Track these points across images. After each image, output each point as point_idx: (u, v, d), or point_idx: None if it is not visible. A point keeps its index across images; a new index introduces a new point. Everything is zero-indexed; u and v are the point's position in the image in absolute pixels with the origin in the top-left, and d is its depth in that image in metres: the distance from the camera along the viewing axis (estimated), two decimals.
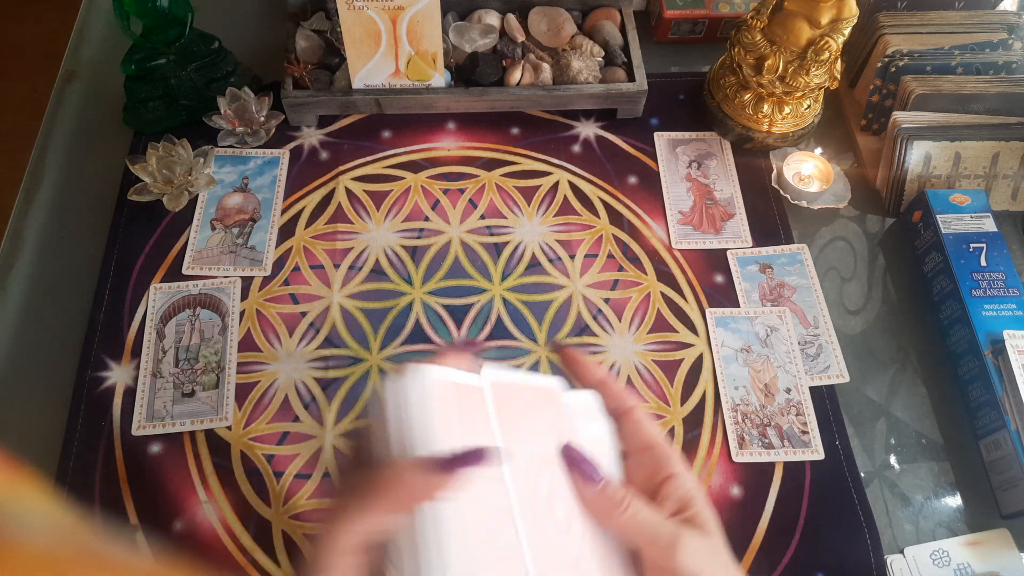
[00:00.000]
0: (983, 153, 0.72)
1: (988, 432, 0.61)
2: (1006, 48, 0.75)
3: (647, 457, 0.36)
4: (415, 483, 0.27)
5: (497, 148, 0.76)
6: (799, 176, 0.74)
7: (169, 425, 0.60)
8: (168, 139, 0.71)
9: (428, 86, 0.74)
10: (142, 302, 0.66)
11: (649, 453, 0.36)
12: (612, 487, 0.33)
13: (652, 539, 0.32)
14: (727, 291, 0.69)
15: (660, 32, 0.84)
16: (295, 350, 0.64)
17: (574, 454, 0.33)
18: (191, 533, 0.57)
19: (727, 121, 0.76)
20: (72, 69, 0.81)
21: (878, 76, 0.74)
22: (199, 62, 0.73)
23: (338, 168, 0.74)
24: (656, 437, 0.36)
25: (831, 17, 0.67)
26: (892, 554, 0.58)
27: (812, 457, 0.61)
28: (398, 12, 0.68)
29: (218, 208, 0.71)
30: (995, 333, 0.61)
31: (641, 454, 0.36)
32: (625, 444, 0.37)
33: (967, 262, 0.65)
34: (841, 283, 0.70)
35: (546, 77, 0.76)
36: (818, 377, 0.64)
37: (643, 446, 0.36)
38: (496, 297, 0.68)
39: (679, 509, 0.34)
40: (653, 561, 0.32)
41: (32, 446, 0.60)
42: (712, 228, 0.72)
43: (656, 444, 0.36)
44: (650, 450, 0.36)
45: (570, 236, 0.71)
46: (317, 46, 0.77)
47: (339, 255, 0.69)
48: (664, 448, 0.36)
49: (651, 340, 0.66)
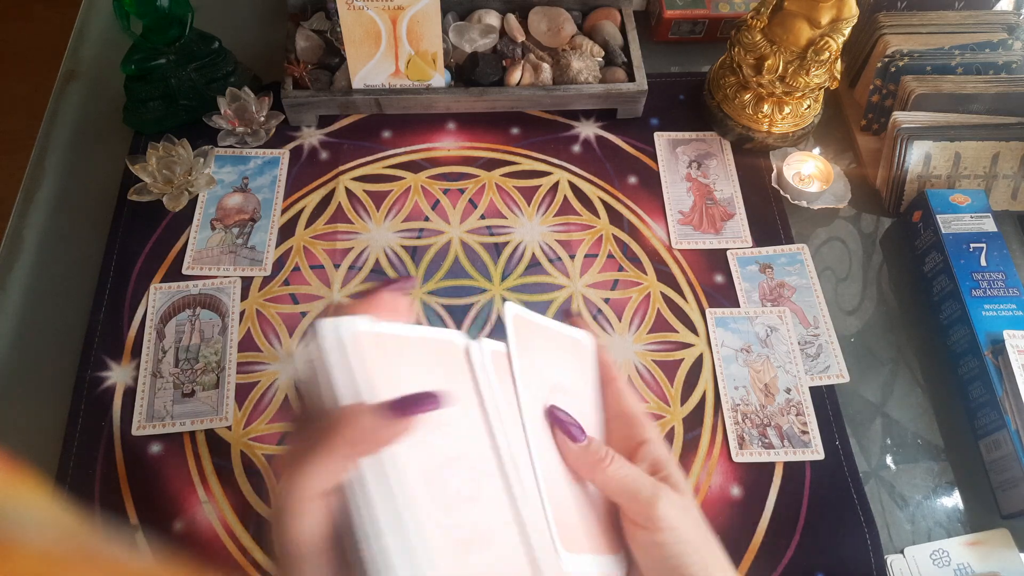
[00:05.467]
0: (983, 153, 0.72)
1: (988, 432, 0.61)
2: (1006, 48, 0.75)
3: (623, 423, 0.39)
4: (367, 428, 0.27)
5: (497, 148, 0.76)
6: (799, 176, 0.74)
7: (169, 425, 0.60)
8: (168, 139, 0.71)
9: (428, 86, 0.74)
10: (142, 302, 0.66)
11: (626, 419, 0.39)
12: (596, 444, 0.36)
13: (634, 493, 0.34)
14: (727, 291, 0.69)
15: (660, 32, 0.84)
16: (295, 350, 0.64)
17: (559, 414, 0.36)
18: (191, 533, 0.57)
19: (727, 121, 0.76)
20: (72, 69, 0.81)
21: (878, 76, 0.74)
22: (199, 62, 0.73)
23: (338, 168, 0.74)
24: (634, 406, 0.39)
25: (831, 17, 0.67)
26: (892, 554, 0.58)
27: (812, 457, 0.61)
28: (398, 12, 0.68)
29: (218, 208, 0.71)
30: (995, 333, 0.61)
31: (618, 420, 0.39)
32: (606, 409, 0.40)
33: (967, 262, 0.65)
34: (840, 283, 0.70)
35: (546, 77, 0.76)
36: (818, 377, 0.64)
37: (621, 413, 0.39)
38: (496, 297, 0.68)
39: (653, 471, 0.36)
40: (633, 515, 0.35)
41: (32, 446, 0.60)
42: (712, 228, 0.72)
43: (633, 413, 0.39)
44: (627, 417, 0.39)
45: (570, 236, 0.71)
46: (317, 46, 0.77)
47: (339, 255, 0.69)
48: (641, 416, 0.39)
49: (651, 340, 0.66)
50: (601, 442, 0.36)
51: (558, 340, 0.40)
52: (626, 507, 0.35)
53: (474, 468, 0.31)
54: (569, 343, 0.41)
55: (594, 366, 0.42)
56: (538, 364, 0.36)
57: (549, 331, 0.39)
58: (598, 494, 0.37)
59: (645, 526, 0.34)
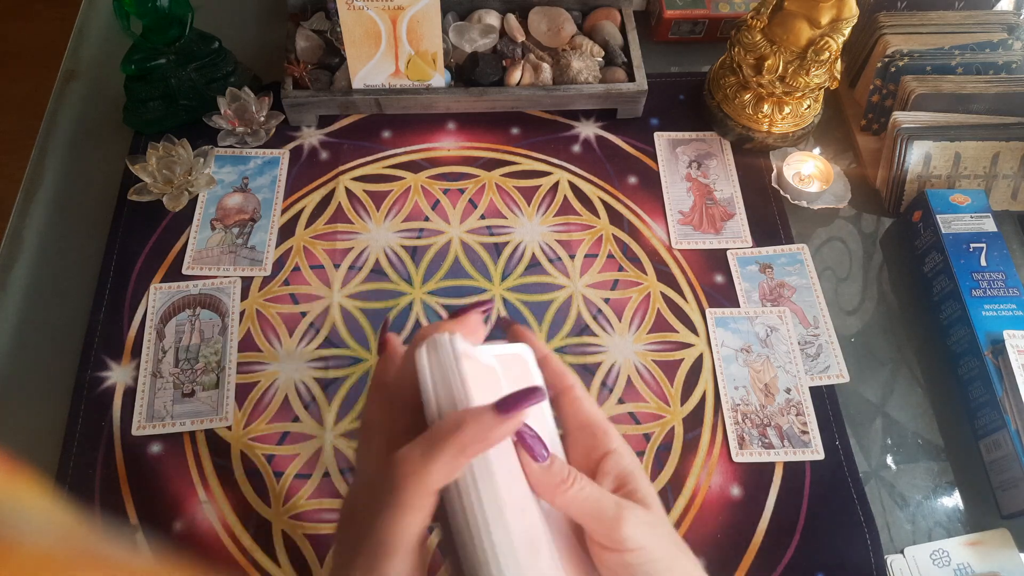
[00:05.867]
0: (983, 153, 0.72)
1: (988, 432, 0.61)
2: (1006, 48, 0.75)
3: (585, 435, 0.36)
4: (486, 426, 0.29)
5: (497, 148, 0.76)
6: (799, 176, 0.74)
7: (169, 425, 0.60)
8: (168, 139, 0.71)
9: (428, 86, 0.74)
10: (142, 302, 0.66)
11: (588, 431, 0.36)
12: (558, 464, 0.33)
13: (597, 515, 0.32)
14: (727, 291, 0.69)
15: (660, 32, 0.84)
16: (295, 350, 0.64)
17: (523, 431, 0.33)
18: (191, 533, 0.57)
19: (727, 121, 0.76)
20: (72, 69, 0.81)
21: (878, 76, 0.74)
22: (199, 62, 0.73)
23: (338, 168, 0.74)
24: (594, 415, 0.37)
25: (831, 17, 0.67)
26: (892, 554, 0.58)
27: (812, 457, 0.61)
28: (398, 12, 0.68)
29: (218, 208, 0.71)
30: (995, 333, 0.61)
31: (580, 431, 0.36)
32: (564, 422, 0.37)
33: (967, 262, 0.65)
34: (840, 283, 0.70)
35: (546, 77, 0.76)
36: (818, 377, 0.64)
37: (582, 424, 0.36)
38: (496, 297, 0.68)
39: (619, 485, 0.34)
40: (598, 536, 0.33)
41: (32, 446, 0.60)
42: (712, 228, 0.72)
43: (594, 422, 0.36)
44: (589, 427, 0.36)
45: (570, 236, 0.71)
46: (317, 46, 0.77)
47: (339, 255, 0.69)
48: (602, 425, 0.36)
49: (651, 340, 0.66)
50: (563, 462, 0.33)
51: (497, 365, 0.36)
52: (590, 529, 0.33)
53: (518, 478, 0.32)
54: (510, 362, 0.36)
55: (538, 377, 0.37)
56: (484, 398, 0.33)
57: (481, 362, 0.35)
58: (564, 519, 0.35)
59: (612, 548, 0.32)
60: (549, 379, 0.38)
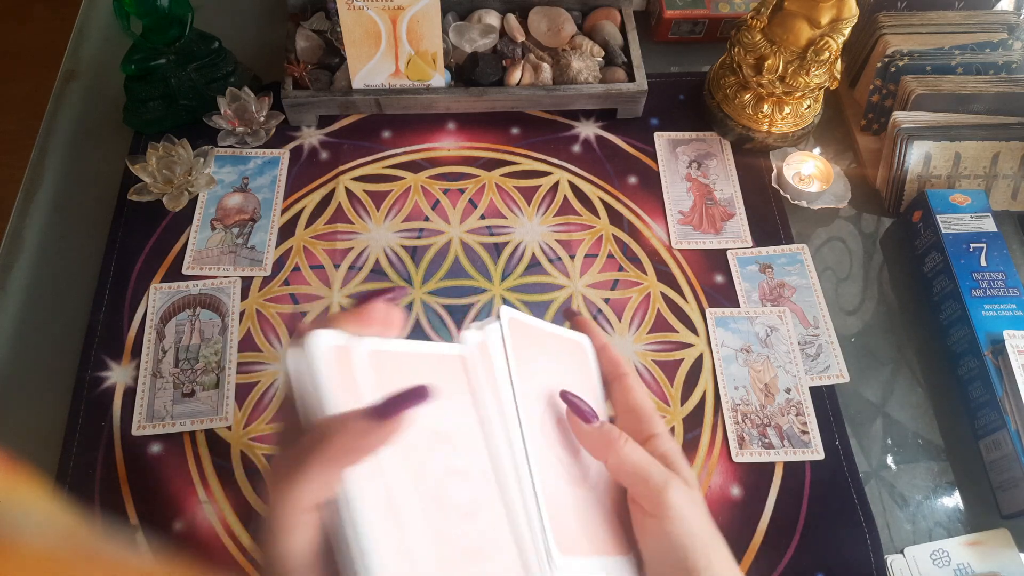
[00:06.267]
0: (983, 153, 0.72)
1: (988, 432, 0.61)
2: (1006, 48, 0.75)
3: (633, 418, 0.39)
4: (358, 434, 0.26)
5: (497, 148, 0.76)
6: (799, 176, 0.74)
7: (169, 425, 0.60)
8: (168, 139, 0.71)
9: (428, 86, 0.74)
10: (142, 302, 0.66)
11: (635, 414, 0.39)
12: (608, 425, 0.36)
13: (645, 477, 0.35)
14: (727, 291, 0.69)
15: (660, 32, 0.84)
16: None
17: (572, 397, 0.36)
18: (191, 533, 0.57)
19: (727, 121, 0.76)
20: (72, 69, 0.81)
21: (878, 76, 0.74)
22: (199, 62, 0.73)
23: (338, 168, 0.74)
24: (644, 401, 0.39)
25: (831, 17, 0.67)
26: (892, 554, 0.58)
27: (812, 457, 0.61)
28: (398, 12, 0.68)
29: (218, 208, 0.71)
30: (995, 333, 0.61)
31: (628, 414, 0.39)
32: (615, 405, 0.40)
33: (967, 262, 0.65)
34: (840, 283, 0.70)
35: (546, 77, 0.76)
36: (818, 377, 0.64)
37: (631, 407, 0.39)
38: (496, 297, 0.68)
39: (662, 464, 0.36)
40: (644, 500, 0.35)
41: (32, 446, 0.60)
42: (712, 228, 0.72)
43: (642, 407, 0.39)
44: (636, 411, 0.39)
45: (570, 236, 0.71)
46: (317, 46, 0.77)
47: (339, 255, 0.69)
48: (649, 411, 0.39)
49: (651, 340, 0.66)
50: (613, 426, 0.36)
51: (554, 342, 0.40)
52: (636, 492, 0.35)
53: (473, 483, 0.31)
54: (567, 345, 0.41)
55: (595, 366, 0.41)
56: (534, 368, 0.36)
57: (544, 334, 0.39)
58: (605, 495, 0.37)
59: (654, 513, 0.34)
60: (605, 366, 0.41)
